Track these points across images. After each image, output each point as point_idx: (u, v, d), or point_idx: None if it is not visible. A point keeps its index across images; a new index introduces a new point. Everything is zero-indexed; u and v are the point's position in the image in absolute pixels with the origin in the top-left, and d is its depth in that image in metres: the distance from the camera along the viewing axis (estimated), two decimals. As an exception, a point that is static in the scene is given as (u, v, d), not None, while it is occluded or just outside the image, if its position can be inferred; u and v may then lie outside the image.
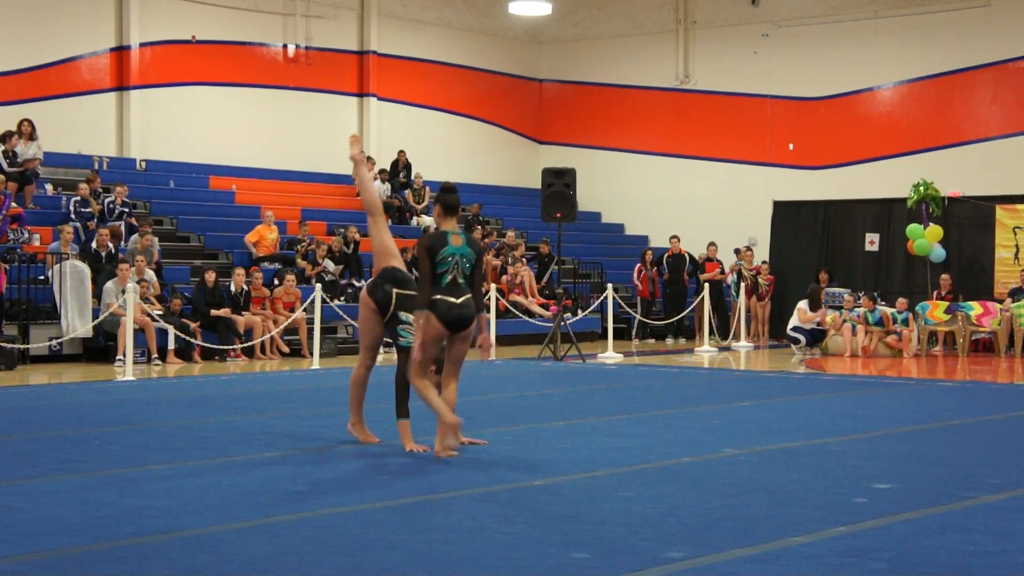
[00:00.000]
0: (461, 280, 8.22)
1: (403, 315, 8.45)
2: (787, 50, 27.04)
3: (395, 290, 8.51)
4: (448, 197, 8.42)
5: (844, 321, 20.21)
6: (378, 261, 8.85)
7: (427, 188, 25.39)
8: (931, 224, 21.80)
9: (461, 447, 8.43)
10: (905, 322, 19.99)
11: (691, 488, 7.14)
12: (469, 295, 8.24)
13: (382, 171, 25.04)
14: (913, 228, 21.81)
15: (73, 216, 19.17)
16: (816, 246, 23.92)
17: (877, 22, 25.97)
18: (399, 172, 26.01)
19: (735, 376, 16.49)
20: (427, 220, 24.20)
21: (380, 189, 24.88)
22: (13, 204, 18.79)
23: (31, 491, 6.93)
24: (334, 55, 26.30)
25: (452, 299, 8.16)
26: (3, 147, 19.59)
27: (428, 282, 8.15)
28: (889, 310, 20.08)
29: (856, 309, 20.27)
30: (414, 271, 9.22)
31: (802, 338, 20.61)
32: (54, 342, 16.81)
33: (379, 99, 26.83)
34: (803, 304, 20.83)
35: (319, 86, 26.14)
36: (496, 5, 28.92)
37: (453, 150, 28.23)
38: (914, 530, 6.03)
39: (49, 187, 20.75)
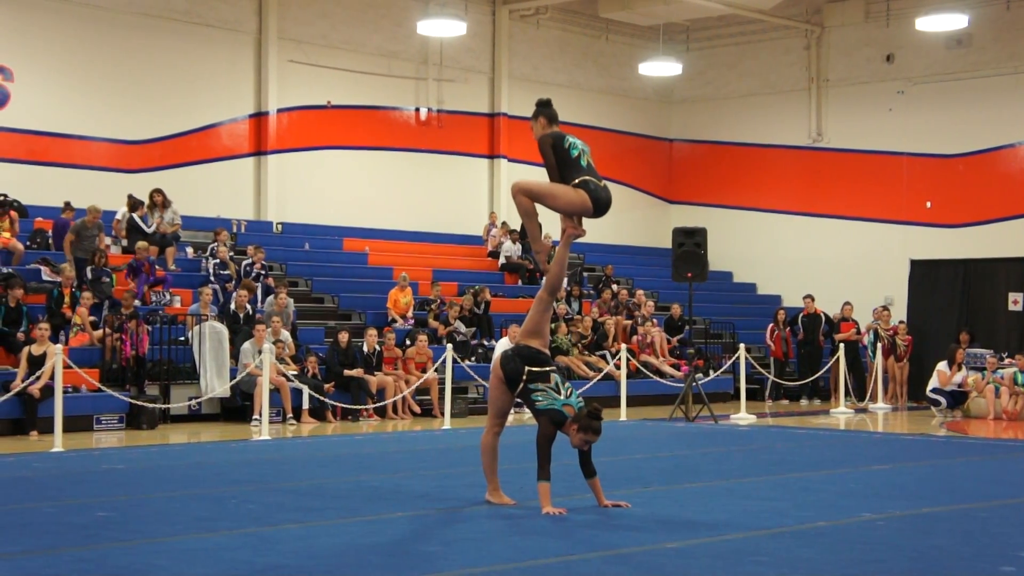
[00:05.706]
0: (593, 164, 8.60)
1: (534, 385, 8.44)
2: (923, 107, 26.58)
3: (527, 367, 8.49)
4: (549, 110, 8.75)
5: (987, 383, 19.65)
6: (523, 336, 8.77)
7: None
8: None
9: (603, 509, 8.37)
10: (1051, 384, 19.36)
11: (828, 553, 6.97)
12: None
13: (513, 232, 25.19)
14: (1057, 287, 21.19)
15: (212, 278, 19.65)
16: (956, 306, 23.34)
17: (1018, 77, 25.39)
18: (530, 233, 26.05)
19: (873, 438, 16.12)
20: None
21: (511, 250, 25.04)
22: (157, 267, 19.35)
23: (170, 549, 7.06)
24: (465, 117, 26.62)
25: (597, 181, 8.53)
26: (133, 214, 20.15)
27: (563, 168, 8.45)
28: (1034, 371, 19.49)
29: (1000, 370, 19.70)
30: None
31: (943, 400, 20.07)
32: (193, 402, 17.18)
33: (509, 160, 27.04)
34: (943, 365, 20.30)
35: (450, 148, 26.47)
36: (626, 66, 29.04)
37: (583, 210, 28.17)
38: (1066, 601, 5.80)
39: (189, 250, 21.30)
